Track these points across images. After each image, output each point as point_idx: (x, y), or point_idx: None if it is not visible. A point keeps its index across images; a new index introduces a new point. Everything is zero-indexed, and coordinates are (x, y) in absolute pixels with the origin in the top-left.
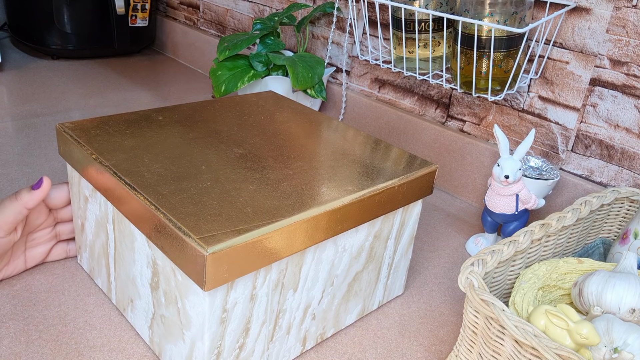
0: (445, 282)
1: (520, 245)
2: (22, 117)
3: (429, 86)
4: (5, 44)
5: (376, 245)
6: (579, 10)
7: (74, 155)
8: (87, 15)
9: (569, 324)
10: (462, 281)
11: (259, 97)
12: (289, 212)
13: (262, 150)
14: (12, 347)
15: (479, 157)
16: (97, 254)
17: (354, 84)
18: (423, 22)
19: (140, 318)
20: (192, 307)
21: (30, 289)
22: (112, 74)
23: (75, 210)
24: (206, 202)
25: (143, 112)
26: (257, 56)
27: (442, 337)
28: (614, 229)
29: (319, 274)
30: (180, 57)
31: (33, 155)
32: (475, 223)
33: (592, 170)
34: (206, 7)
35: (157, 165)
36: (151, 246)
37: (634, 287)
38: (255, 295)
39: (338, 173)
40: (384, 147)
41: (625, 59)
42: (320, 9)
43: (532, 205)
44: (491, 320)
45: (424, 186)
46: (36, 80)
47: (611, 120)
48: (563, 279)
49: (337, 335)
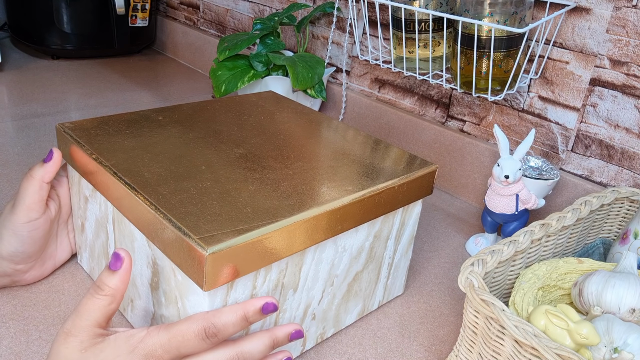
0: (445, 282)
1: (520, 245)
2: (22, 117)
3: (429, 86)
4: (5, 44)
5: (376, 245)
6: (579, 10)
7: (74, 155)
8: (87, 15)
9: (569, 324)
10: (462, 281)
11: (259, 97)
12: (289, 212)
13: (262, 150)
14: (12, 347)
15: (479, 157)
16: (97, 254)
17: (354, 84)
18: (423, 22)
19: (140, 318)
20: (192, 307)
21: (30, 289)
22: (112, 74)
23: (75, 210)
24: (206, 202)
25: (143, 112)
26: (257, 56)
27: (442, 337)
28: (614, 229)
29: (319, 274)
30: (180, 57)
31: (33, 155)
32: (475, 223)
33: (592, 170)
34: (206, 7)
35: (157, 165)
36: (151, 246)
37: (634, 287)
38: (255, 295)
39: (338, 173)
40: (384, 147)
41: (625, 59)
42: (320, 9)
43: (532, 205)
44: (491, 320)
45: (424, 186)
46: (36, 80)
47: (611, 120)
48: (563, 279)
49: (337, 335)
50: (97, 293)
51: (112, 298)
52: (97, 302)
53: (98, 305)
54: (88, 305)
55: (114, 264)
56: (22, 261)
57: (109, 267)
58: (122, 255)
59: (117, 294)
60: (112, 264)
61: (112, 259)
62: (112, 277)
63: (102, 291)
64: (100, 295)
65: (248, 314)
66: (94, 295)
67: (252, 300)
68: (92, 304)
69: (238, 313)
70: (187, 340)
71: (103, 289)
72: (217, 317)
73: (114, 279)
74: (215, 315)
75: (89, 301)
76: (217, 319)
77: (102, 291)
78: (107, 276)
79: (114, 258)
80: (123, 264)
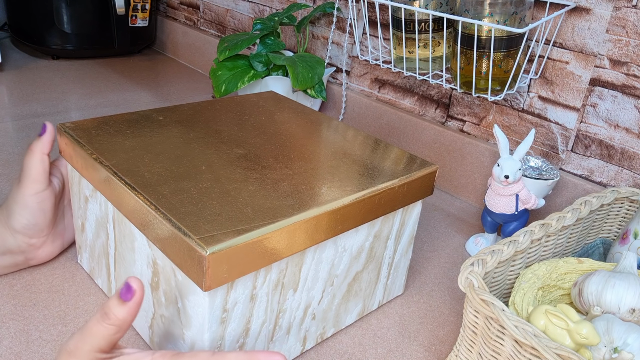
0: (445, 282)
1: (520, 245)
2: (22, 117)
3: (429, 86)
4: (5, 44)
5: (376, 245)
6: (578, 10)
7: (74, 155)
8: (87, 15)
9: (569, 324)
10: (462, 281)
11: (259, 97)
12: (289, 213)
13: (262, 151)
14: (12, 347)
15: (479, 157)
16: (98, 254)
17: (354, 84)
18: (423, 22)
19: (141, 318)
20: (192, 307)
21: (30, 289)
22: (112, 74)
23: (76, 210)
24: (206, 202)
25: (143, 112)
26: (257, 56)
27: (442, 337)
28: (613, 229)
29: (319, 274)
30: (180, 57)
31: None
32: (475, 223)
33: (592, 170)
34: (206, 7)
35: (158, 165)
36: (151, 246)
37: (634, 287)
38: (256, 295)
39: (338, 173)
40: (384, 147)
41: (625, 59)
42: (320, 9)
43: (532, 205)
44: (491, 320)
45: (424, 187)
46: (36, 80)
47: (611, 120)
48: (563, 279)
49: (337, 335)
50: (103, 320)
51: (118, 328)
52: (102, 330)
53: (103, 334)
54: (93, 331)
55: (125, 295)
56: (35, 234)
57: (119, 295)
58: (134, 288)
59: (124, 325)
60: (123, 294)
61: (124, 288)
62: (121, 309)
63: (109, 320)
64: (106, 324)
65: None
66: (100, 322)
67: (261, 353)
68: (97, 331)
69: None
70: None
71: (110, 317)
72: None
73: (122, 311)
74: (220, 357)
75: (94, 327)
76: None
77: (109, 320)
78: (116, 305)
79: (125, 288)
80: (134, 297)
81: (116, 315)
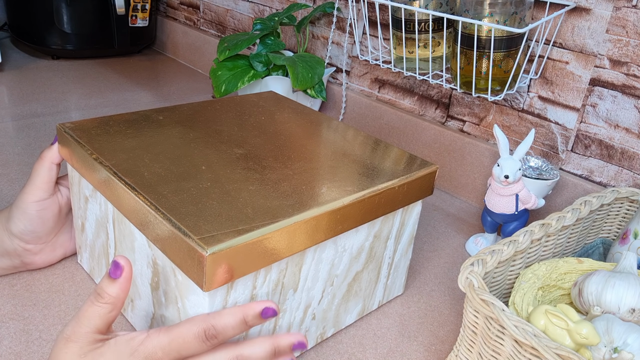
0: (445, 282)
1: (520, 245)
2: (22, 117)
3: (429, 86)
4: (5, 44)
5: (376, 245)
6: (578, 10)
7: (74, 155)
8: (87, 15)
9: (569, 324)
10: (462, 281)
11: (259, 97)
12: (289, 213)
13: (262, 151)
14: (12, 347)
15: (479, 157)
16: (98, 254)
17: (354, 84)
18: (423, 22)
19: (141, 318)
20: (192, 307)
21: (30, 289)
22: (112, 74)
23: (76, 210)
24: (206, 202)
25: (143, 112)
26: (257, 56)
27: (442, 337)
28: (613, 229)
29: (319, 274)
30: (180, 57)
31: (33, 155)
32: (475, 223)
33: (592, 170)
34: (206, 7)
35: (158, 165)
36: (151, 246)
37: (634, 287)
38: (256, 295)
39: (338, 173)
40: (384, 147)
41: (625, 59)
42: (320, 9)
43: (532, 205)
44: (491, 320)
45: (424, 187)
46: (36, 80)
47: (611, 120)
48: (563, 279)
49: (337, 335)
50: (97, 300)
51: (112, 306)
52: (97, 310)
53: (98, 313)
54: (88, 312)
55: (114, 272)
56: (32, 241)
57: (109, 274)
58: (121, 264)
59: (117, 302)
60: (112, 271)
61: (112, 266)
62: (113, 286)
63: (102, 299)
64: (100, 303)
65: (247, 317)
66: (94, 303)
67: (252, 303)
68: (92, 311)
69: (237, 316)
70: (187, 342)
71: (103, 296)
72: (217, 319)
73: (114, 288)
74: (215, 317)
75: (89, 308)
76: (216, 320)
77: (102, 299)
78: (107, 284)
79: (113, 266)
80: (123, 272)
81: (109, 294)
